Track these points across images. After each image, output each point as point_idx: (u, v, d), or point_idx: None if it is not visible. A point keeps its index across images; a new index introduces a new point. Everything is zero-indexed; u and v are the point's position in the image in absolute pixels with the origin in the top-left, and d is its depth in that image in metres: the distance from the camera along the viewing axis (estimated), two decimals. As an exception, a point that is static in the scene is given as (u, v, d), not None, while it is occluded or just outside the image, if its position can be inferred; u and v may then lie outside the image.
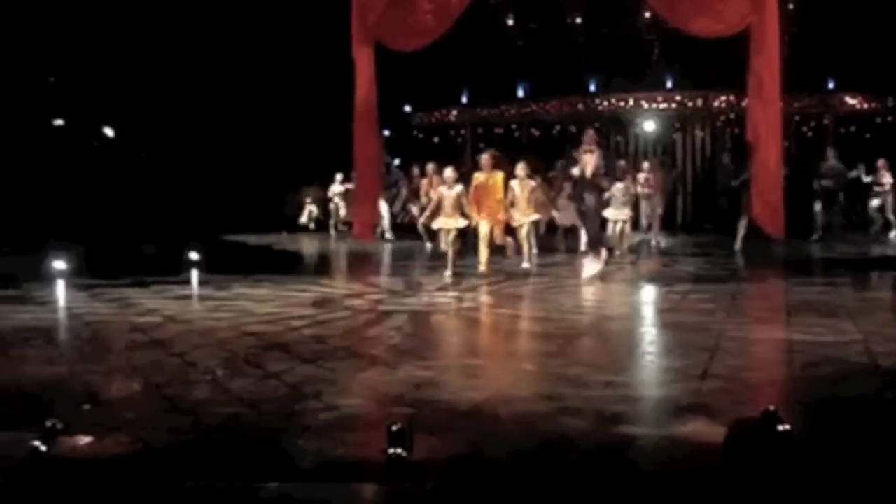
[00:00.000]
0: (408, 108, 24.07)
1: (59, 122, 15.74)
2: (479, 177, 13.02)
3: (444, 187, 13.31)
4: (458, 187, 13.17)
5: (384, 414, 5.84)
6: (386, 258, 16.59)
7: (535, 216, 13.78)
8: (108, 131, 13.73)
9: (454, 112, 24.26)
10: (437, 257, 14.14)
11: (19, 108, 14.01)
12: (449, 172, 13.26)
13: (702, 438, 5.17)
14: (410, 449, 4.80)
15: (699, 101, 22.29)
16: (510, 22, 21.62)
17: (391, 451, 4.77)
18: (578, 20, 21.71)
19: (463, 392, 6.26)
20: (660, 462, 4.60)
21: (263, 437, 5.51)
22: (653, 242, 16.83)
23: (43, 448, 5.05)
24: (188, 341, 8.14)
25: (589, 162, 12.60)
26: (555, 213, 16.73)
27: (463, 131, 23.97)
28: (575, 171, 12.78)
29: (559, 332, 8.50)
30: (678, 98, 22.38)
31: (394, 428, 4.83)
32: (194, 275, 13.20)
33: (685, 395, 6.11)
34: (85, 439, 5.43)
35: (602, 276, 12.46)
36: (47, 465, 4.96)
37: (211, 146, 12.49)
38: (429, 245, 15.91)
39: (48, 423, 5.15)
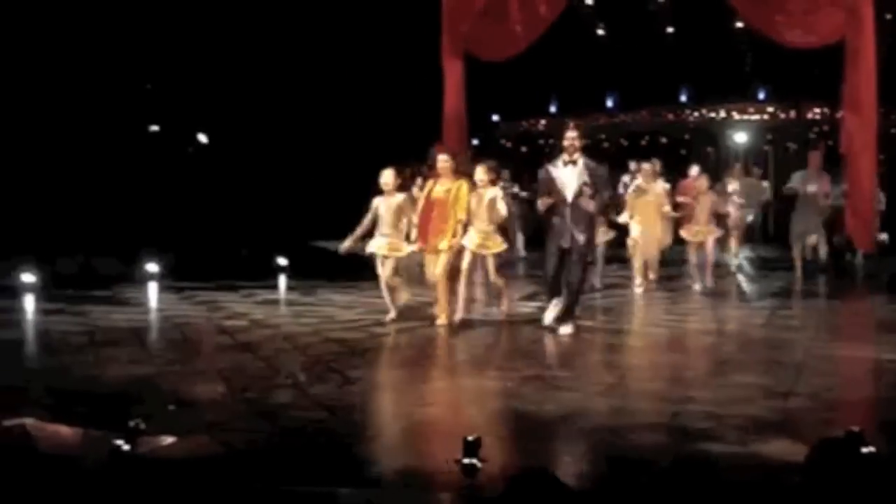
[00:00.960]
0: (495, 118, 24.09)
1: (154, 128, 16.11)
2: (434, 188, 9.47)
3: (381, 198, 9.66)
4: (399, 197, 9.67)
5: (460, 423, 5.86)
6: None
7: (493, 247, 9.54)
8: (202, 137, 13.96)
9: (542, 122, 24.22)
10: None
11: (116, 115, 14.37)
12: (387, 177, 9.59)
13: (784, 457, 5.09)
14: (483, 459, 4.81)
15: (792, 113, 21.91)
16: (600, 31, 21.49)
17: (465, 460, 4.79)
18: (670, 30, 21.49)
19: (542, 404, 6.24)
20: (739, 480, 4.52)
21: (341, 443, 5.57)
22: (733, 260, 14.94)
23: (126, 447, 5.17)
24: (272, 345, 8.26)
25: (569, 178, 8.80)
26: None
27: (551, 141, 23.89)
28: (541, 203, 8.95)
29: (641, 346, 8.44)
30: (770, 109, 22.02)
31: (469, 438, 4.85)
32: (282, 280, 13.39)
33: (768, 412, 6.02)
34: (167, 439, 5.55)
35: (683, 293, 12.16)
36: (129, 465, 5.08)
37: (303, 153, 12.64)
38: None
39: (131, 423, 5.27)
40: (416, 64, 15.95)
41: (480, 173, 9.41)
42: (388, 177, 9.50)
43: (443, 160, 9.38)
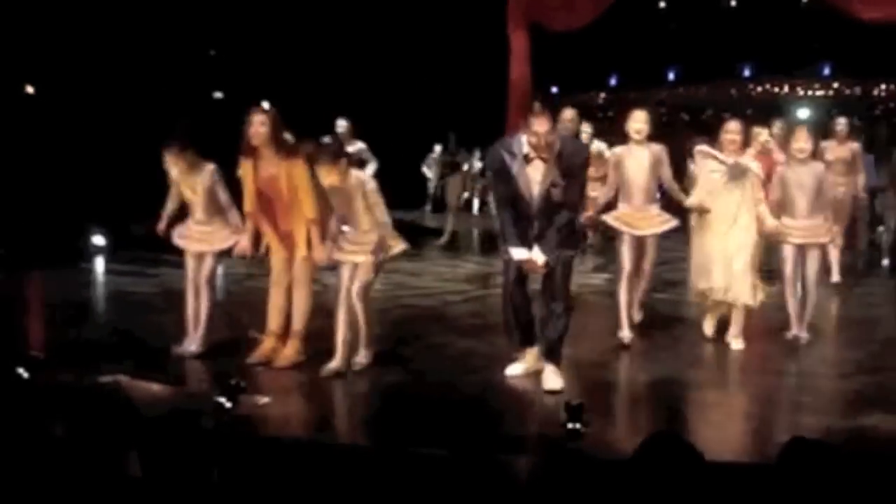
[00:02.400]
0: (555, 90, 23.94)
1: (218, 94, 16.16)
2: (326, 174, 6.25)
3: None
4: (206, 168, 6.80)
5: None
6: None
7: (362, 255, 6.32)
8: (265, 105, 13.98)
9: (602, 95, 24.01)
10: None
11: (181, 81, 14.42)
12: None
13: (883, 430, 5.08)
14: (587, 424, 4.80)
15: (857, 89, 21.54)
16: (662, 4, 21.26)
17: (570, 425, 4.78)
18: (733, 3, 21.21)
19: (633, 374, 6.22)
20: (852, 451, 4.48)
21: (429, 407, 5.58)
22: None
23: (228, 405, 5.22)
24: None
25: (535, 171, 6.01)
26: None
27: (610, 114, 23.70)
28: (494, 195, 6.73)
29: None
30: (835, 86, 21.67)
31: (573, 403, 4.84)
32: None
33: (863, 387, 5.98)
34: (264, 399, 5.59)
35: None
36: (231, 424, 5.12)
37: (369, 125, 12.59)
38: None
39: (232, 382, 5.31)
40: (480, 35, 15.86)
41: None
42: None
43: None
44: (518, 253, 5.95)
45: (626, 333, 7.03)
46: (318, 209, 6.37)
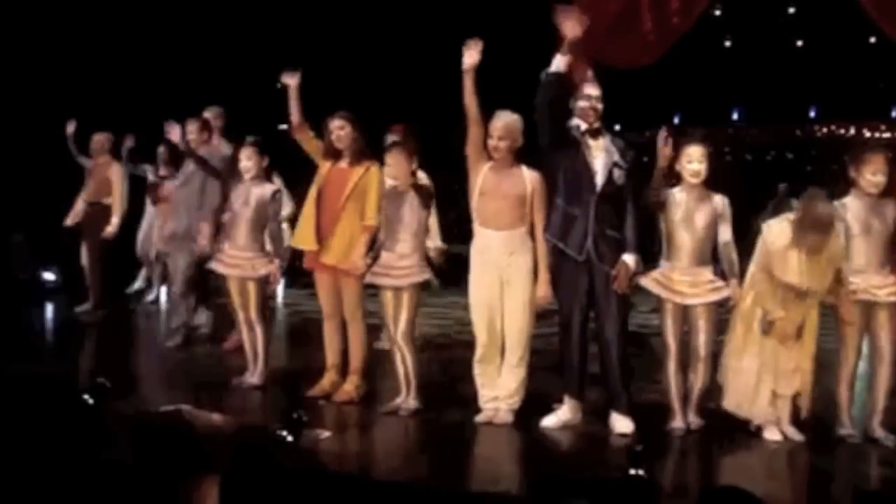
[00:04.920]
0: (617, 128, 23.86)
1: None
2: (325, 169, 6.51)
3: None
4: (268, 188, 6.86)
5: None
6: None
7: (419, 276, 6.23)
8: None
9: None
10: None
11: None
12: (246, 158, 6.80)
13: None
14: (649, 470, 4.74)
15: (924, 133, 21.20)
16: (728, 43, 21.14)
17: (632, 471, 4.71)
18: (800, 43, 21.03)
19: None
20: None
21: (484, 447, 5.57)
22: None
23: (289, 439, 5.22)
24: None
25: (595, 149, 5.90)
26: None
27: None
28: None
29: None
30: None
31: (636, 448, 4.78)
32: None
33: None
34: (324, 433, 5.61)
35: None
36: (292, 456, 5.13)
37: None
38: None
39: (294, 415, 5.32)
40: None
41: (393, 163, 6.30)
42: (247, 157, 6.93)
43: (337, 124, 6.52)
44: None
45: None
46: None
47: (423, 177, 6.65)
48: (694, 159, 5.87)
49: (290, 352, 7.53)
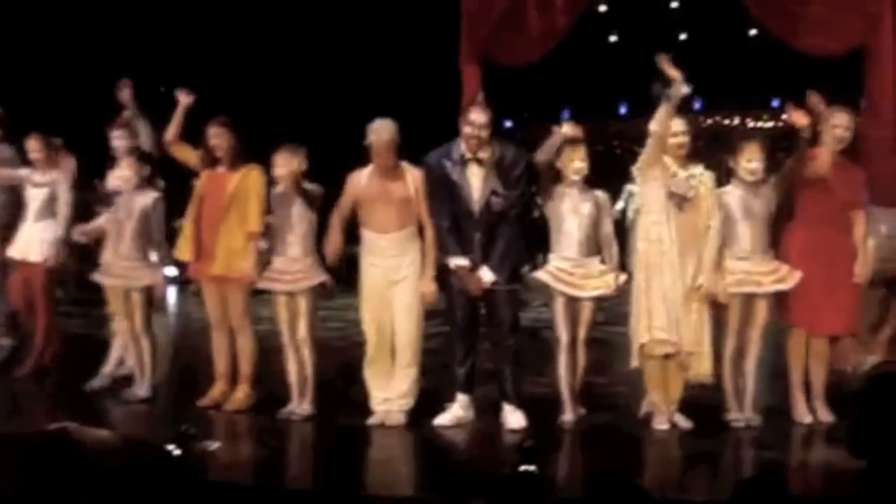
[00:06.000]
0: (508, 124, 24.04)
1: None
2: (204, 177, 6.42)
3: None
4: (150, 196, 6.64)
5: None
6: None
7: (313, 279, 6.22)
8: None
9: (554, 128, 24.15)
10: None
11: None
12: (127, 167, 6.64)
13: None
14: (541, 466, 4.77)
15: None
16: (613, 39, 21.47)
17: (523, 467, 4.74)
18: (683, 37, 21.46)
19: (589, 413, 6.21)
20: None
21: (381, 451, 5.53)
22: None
23: (177, 453, 5.12)
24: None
25: (474, 177, 5.94)
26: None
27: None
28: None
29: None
30: (784, 117, 21.90)
31: (526, 445, 4.81)
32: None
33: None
34: (213, 444, 5.51)
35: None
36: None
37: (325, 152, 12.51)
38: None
39: (182, 428, 5.22)
40: (431, 66, 15.87)
41: (281, 163, 6.20)
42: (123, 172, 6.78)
43: (215, 131, 6.40)
44: (459, 261, 5.86)
45: None
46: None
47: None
48: (578, 158, 5.99)
49: (179, 361, 7.37)
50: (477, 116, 5.82)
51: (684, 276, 5.81)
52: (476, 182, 5.87)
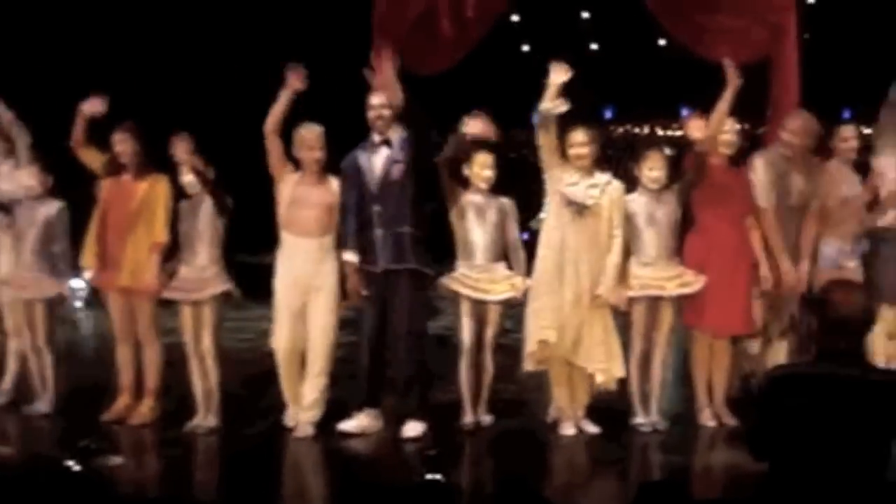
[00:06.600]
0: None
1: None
2: (109, 184, 6.32)
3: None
4: (54, 206, 6.54)
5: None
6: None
7: (218, 287, 6.19)
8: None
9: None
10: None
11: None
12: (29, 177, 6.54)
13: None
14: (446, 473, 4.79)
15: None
16: (526, 48, 21.65)
17: (428, 476, 4.75)
18: (594, 47, 21.73)
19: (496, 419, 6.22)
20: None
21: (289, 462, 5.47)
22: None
23: (76, 468, 5.02)
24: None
25: (379, 158, 5.99)
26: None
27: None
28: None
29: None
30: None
31: (430, 453, 4.82)
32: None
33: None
34: (116, 459, 5.41)
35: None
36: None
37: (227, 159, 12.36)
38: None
39: (82, 443, 5.13)
40: (349, 72, 15.80)
41: (186, 168, 6.22)
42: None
43: (119, 137, 6.29)
44: (349, 256, 5.93)
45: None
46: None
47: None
48: (486, 166, 6.09)
49: (83, 375, 7.20)
50: (374, 98, 5.93)
51: (579, 284, 5.85)
52: (379, 161, 5.92)
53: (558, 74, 5.91)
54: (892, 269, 6.22)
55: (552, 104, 5.79)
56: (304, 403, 5.97)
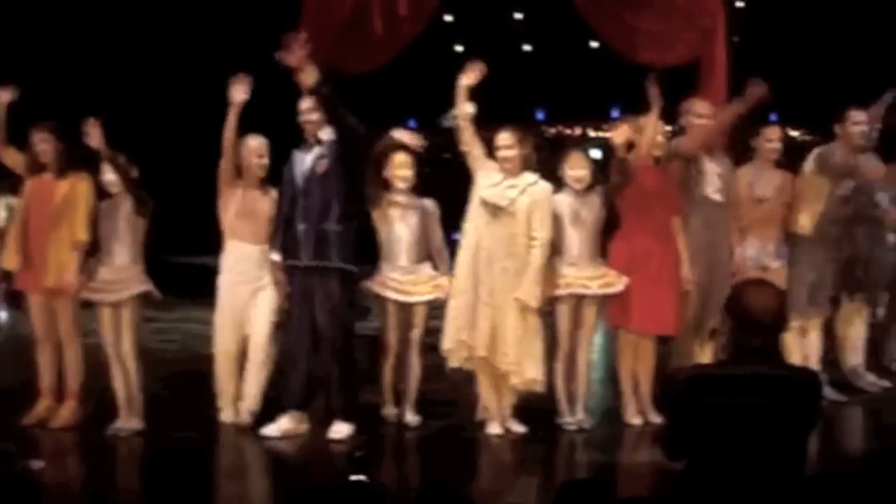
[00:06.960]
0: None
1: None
2: (30, 184, 6.24)
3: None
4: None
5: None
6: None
7: (137, 287, 6.09)
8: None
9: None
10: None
11: None
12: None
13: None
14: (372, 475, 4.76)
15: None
16: (459, 48, 21.70)
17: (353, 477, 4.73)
18: (527, 48, 21.84)
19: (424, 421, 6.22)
20: None
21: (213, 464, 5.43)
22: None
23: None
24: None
25: (308, 157, 6.03)
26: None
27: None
28: None
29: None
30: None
31: (357, 455, 4.80)
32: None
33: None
34: (37, 463, 5.31)
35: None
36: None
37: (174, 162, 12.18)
38: None
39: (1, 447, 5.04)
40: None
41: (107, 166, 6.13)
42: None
43: (39, 136, 6.22)
44: (274, 256, 5.99)
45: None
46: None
47: None
48: (405, 166, 6.13)
49: (2, 377, 7.07)
50: (303, 103, 5.92)
51: (493, 284, 5.83)
52: (310, 158, 5.93)
53: (468, 77, 5.87)
54: (802, 280, 6.39)
55: (458, 108, 5.76)
56: (244, 393, 6.01)
